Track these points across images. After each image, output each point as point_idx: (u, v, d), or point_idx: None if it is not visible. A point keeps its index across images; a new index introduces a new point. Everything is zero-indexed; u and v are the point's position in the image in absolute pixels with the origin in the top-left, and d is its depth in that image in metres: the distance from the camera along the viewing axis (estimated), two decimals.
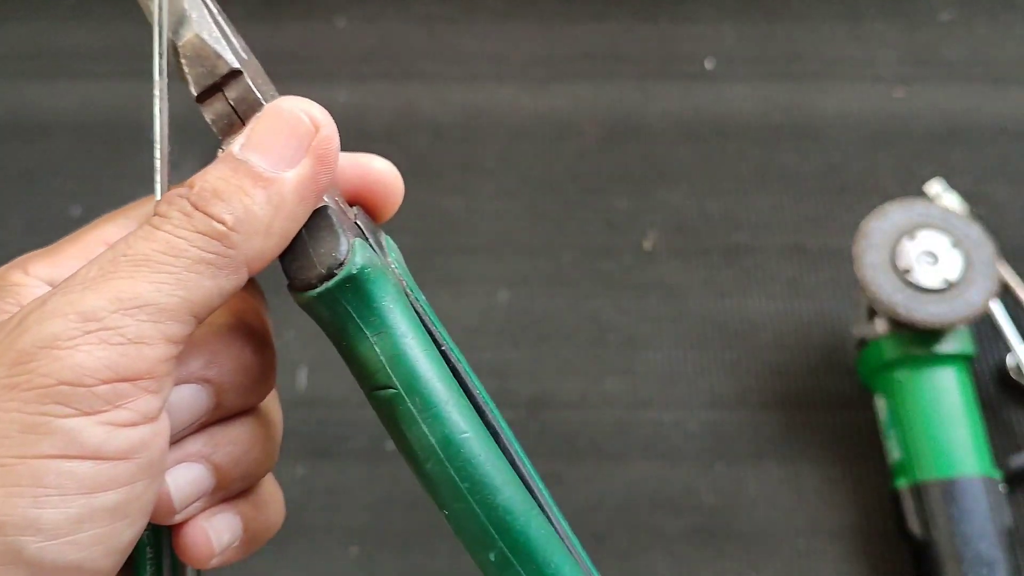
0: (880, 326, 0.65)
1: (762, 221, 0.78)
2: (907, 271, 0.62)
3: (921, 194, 0.73)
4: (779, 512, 0.65)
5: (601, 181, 0.80)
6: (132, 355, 0.19)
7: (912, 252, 0.63)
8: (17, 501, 0.18)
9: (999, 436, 0.68)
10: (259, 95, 0.24)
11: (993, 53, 0.87)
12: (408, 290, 0.25)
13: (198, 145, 0.84)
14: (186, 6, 0.24)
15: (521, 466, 0.25)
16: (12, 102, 0.85)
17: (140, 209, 0.25)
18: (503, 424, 0.26)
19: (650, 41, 0.88)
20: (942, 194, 0.71)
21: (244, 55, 0.25)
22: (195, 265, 0.21)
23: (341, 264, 0.22)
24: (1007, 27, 0.89)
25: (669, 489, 0.67)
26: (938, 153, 0.81)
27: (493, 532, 0.22)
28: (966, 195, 0.74)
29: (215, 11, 0.25)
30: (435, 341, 0.25)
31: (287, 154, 0.23)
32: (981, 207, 0.77)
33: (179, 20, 0.23)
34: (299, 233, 0.23)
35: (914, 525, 0.61)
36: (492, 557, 0.21)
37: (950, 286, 0.62)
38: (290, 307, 0.30)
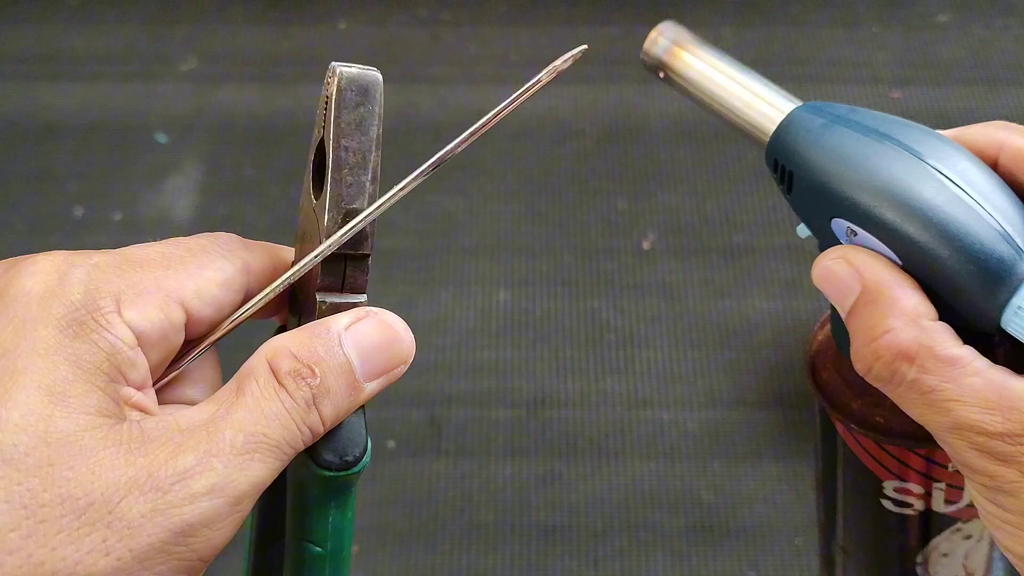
0: None
1: (760, 221, 0.78)
2: None
3: None
4: (777, 509, 0.66)
5: (601, 182, 0.81)
6: (232, 532, 0.21)
7: None
8: None
9: None
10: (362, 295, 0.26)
11: (989, 55, 0.87)
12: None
13: (199, 142, 0.85)
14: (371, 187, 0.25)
15: None
16: (17, 104, 0.85)
17: (219, 263, 0.24)
18: None
19: None
20: None
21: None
22: (292, 453, 0.22)
23: (358, 460, 0.24)
24: (1003, 30, 0.89)
25: (668, 487, 0.67)
26: None
27: None
28: None
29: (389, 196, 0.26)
30: None
31: (377, 369, 0.25)
32: None
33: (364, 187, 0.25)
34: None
35: None
36: None
37: None
38: None
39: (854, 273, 0.24)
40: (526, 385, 0.71)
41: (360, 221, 0.24)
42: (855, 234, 0.25)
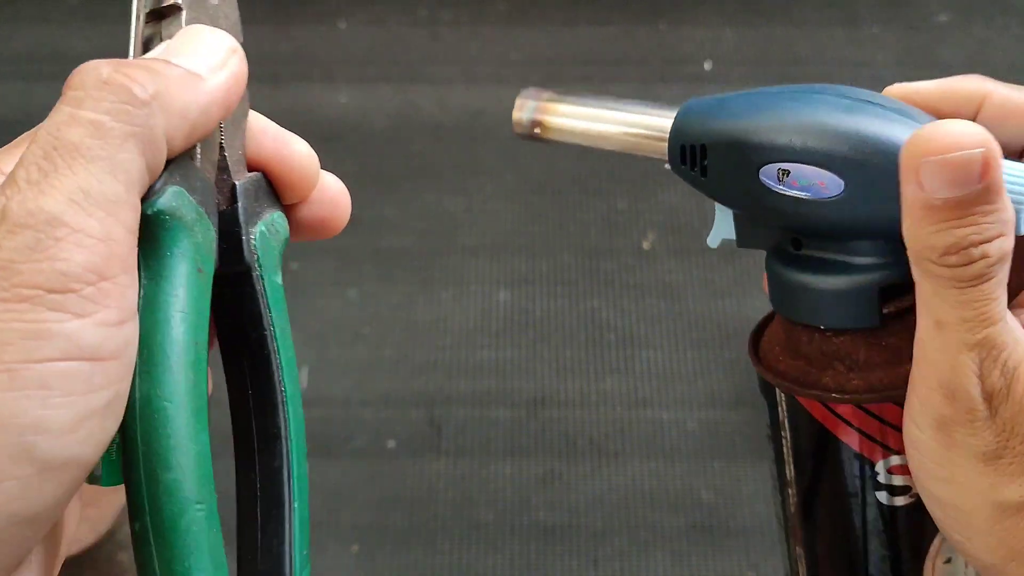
0: None
1: None
2: None
3: None
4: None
5: (600, 182, 0.81)
6: (106, 253, 0.20)
7: None
8: (27, 404, 0.19)
9: None
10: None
11: (989, 55, 0.87)
12: (258, 267, 0.24)
13: None
14: None
15: (264, 469, 0.24)
16: (17, 104, 0.85)
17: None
18: (292, 427, 0.24)
19: (650, 44, 0.89)
20: None
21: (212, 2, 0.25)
22: (125, 143, 0.20)
23: (145, 201, 0.21)
24: (1003, 29, 0.89)
25: (667, 487, 0.67)
26: None
27: (145, 505, 0.21)
28: None
29: None
30: (248, 323, 0.24)
31: (207, 63, 0.23)
32: None
33: None
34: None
35: None
36: (136, 527, 0.20)
37: None
38: (291, 308, 0.30)
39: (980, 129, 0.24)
40: (526, 385, 0.71)
41: None
42: (787, 173, 0.25)
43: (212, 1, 0.25)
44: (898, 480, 0.28)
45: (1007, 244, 0.23)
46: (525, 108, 0.29)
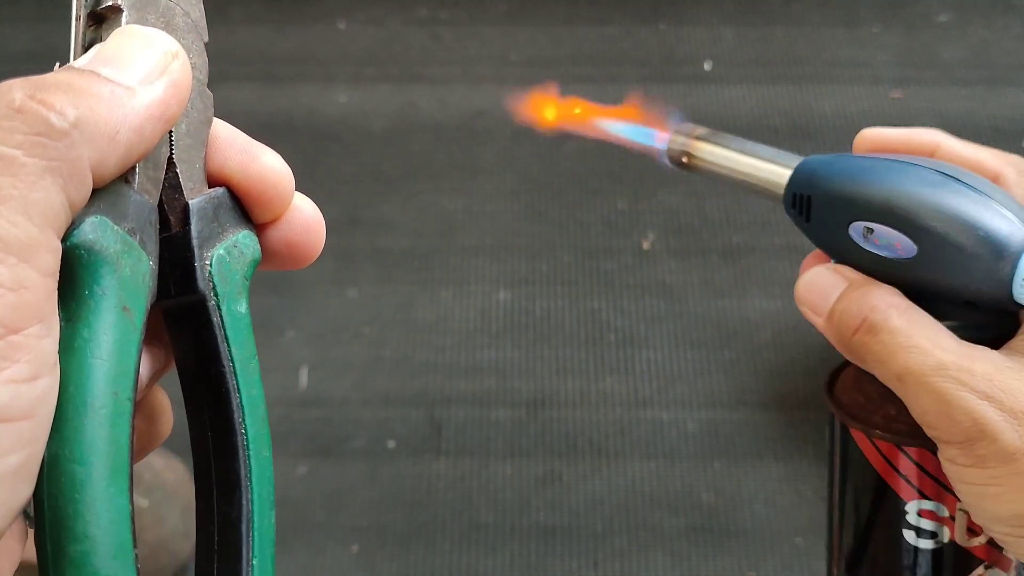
0: None
1: (760, 222, 0.78)
2: None
3: None
4: (777, 510, 0.66)
5: (601, 182, 0.80)
6: (16, 304, 0.17)
7: None
8: None
9: None
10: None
11: (990, 55, 0.87)
12: (214, 296, 0.22)
13: None
14: None
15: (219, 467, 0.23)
16: None
17: None
18: (255, 474, 0.23)
19: (650, 43, 0.89)
20: None
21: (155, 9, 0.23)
22: (40, 180, 0.18)
23: (66, 235, 0.19)
24: (1004, 29, 0.89)
25: (668, 488, 0.67)
26: None
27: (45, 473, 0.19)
28: None
29: None
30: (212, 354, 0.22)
31: (140, 73, 0.20)
32: None
33: None
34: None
35: None
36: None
37: None
38: (291, 308, 0.30)
39: (839, 276, 0.30)
40: (526, 385, 0.71)
41: None
42: (872, 231, 0.29)
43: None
44: (926, 524, 0.31)
45: (878, 315, 0.28)
46: (678, 141, 0.36)
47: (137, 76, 0.20)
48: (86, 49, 0.22)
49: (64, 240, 0.19)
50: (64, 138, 0.18)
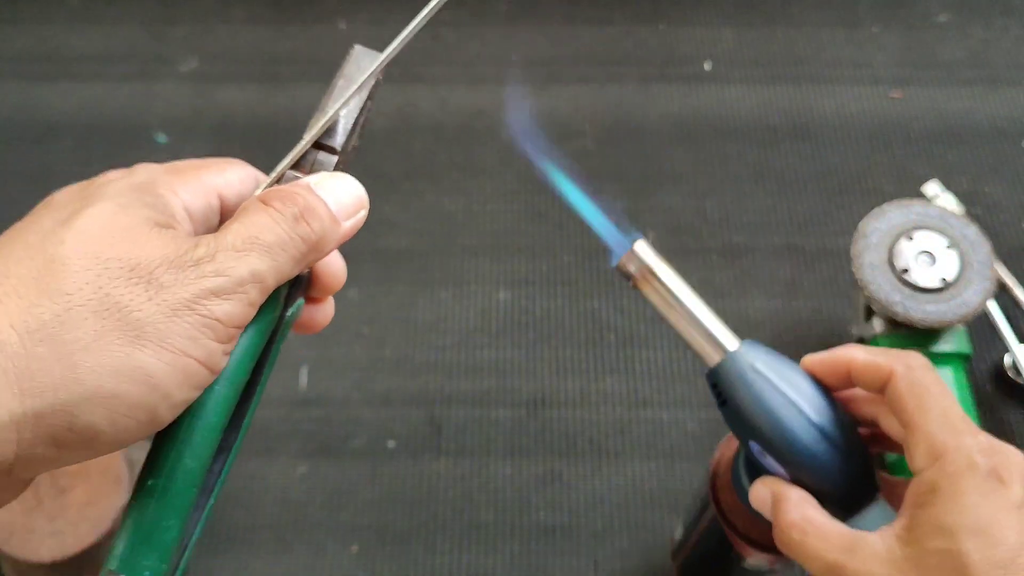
0: (878, 325, 0.65)
1: (760, 221, 0.78)
2: (905, 271, 0.63)
3: (918, 194, 0.73)
4: None
5: (601, 182, 0.80)
6: (247, 313, 0.30)
7: (909, 252, 0.63)
8: (171, 379, 0.28)
9: (996, 435, 0.68)
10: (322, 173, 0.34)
11: (989, 55, 0.87)
12: (277, 338, 0.33)
13: (199, 142, 0.85)
14: (355, 99, 0.34)
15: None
16: (18, 104, 0.85)
17: (238, 169, 0.34)
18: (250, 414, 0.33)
19: (649, 44, 0.89)
20: (939, 194, 0.71)
21: (350, 146, 0.35)
22: (290, 260, 0.31)
23: (286, 309, 0.33)
24: (1003, 29, 0.89)
25: (668, 487, 0.67)
26: (935, 154, 0.82)
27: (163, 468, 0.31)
28: (963, 195, 0.74)
29: (366, 108, 0.35)
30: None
31: (347, 210, 0.33)
32: (978, 207, 0.78)
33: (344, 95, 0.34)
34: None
35: None
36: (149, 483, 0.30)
37: (947, 286, 0.62)
38: None
39: (767, 491, 0.40)
40: (526, 385, 0.71)
41: (328, 119, 0.33)
42: (764, 454, 0.38)
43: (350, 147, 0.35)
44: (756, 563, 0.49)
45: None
46: (633, 262, 0.40)
47: (343, 212, 0.32)
48: (298, 160, 0.34)
49: (287, 308, 0.33)
50: (310, 245, 0.31)
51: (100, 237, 0.28)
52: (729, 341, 0.39)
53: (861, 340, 0.67)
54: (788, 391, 0.38)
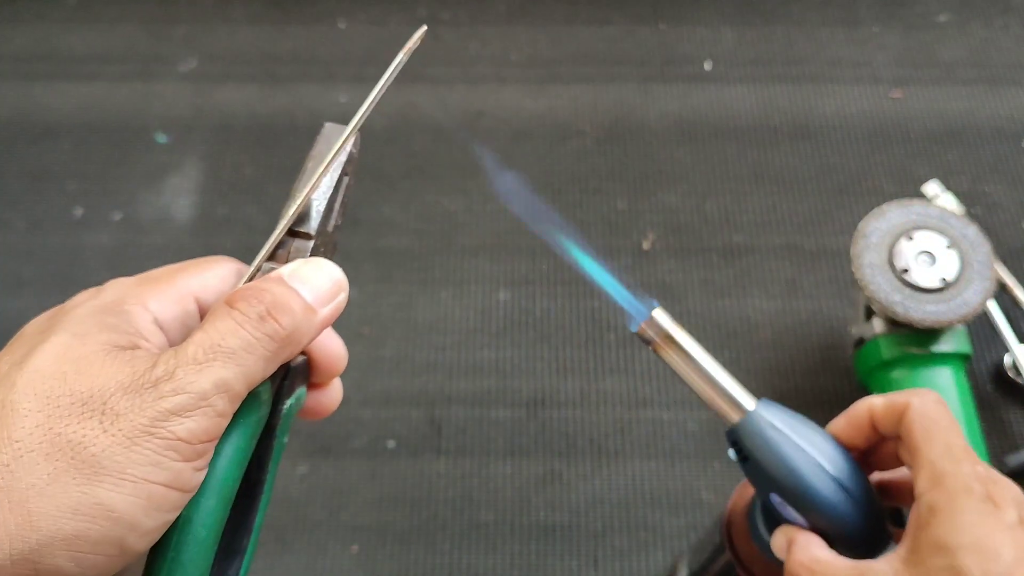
0: (878, 325, 0.65)
1: (760, 221, 0.78)
2: (905, 271, 0.63)
3: (918, 194, 0.73)
4: None
5: (601, 182, 0.81)
6: (217, 425, 0.28)
7: (909, 252, 0.63)
8: (135, 509, 0.27)
9: (996, 435, 0.68)
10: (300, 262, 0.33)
11: (989, 55, 0.87)
12: (278, 432, 0.33)
13: (199, 142, 0.85)
14: (327, 179, 0.33)
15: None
16: (16, 104, 0.85)
17: (217, 267, 0.33)
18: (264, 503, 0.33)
19: (649, 44, 0.89)
20: (939, 194, 0.71)
21: (330, 227, 0.34)
22: (260, 361, 0.29)
23: (281, 403, 0.32)
24: (1003, 29, 0.89)
25: (668, 487, 0.67)
26: (935, 154, 0.82)
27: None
28: (963, 195, 0.74)
29: (342, 185, 0.34)
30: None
31: (324, 296, 0.31)
32: (978, 207, 0.78)
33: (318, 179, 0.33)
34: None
35: None
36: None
37: (947, 286, 0.62)
38: None
39: (785, 539, 0.41)
40: (526, 385, 0.71)
41: (299, 204, 0.32)
42: (784, 505, 0.40)
43: (329, 230, 0.34)
44: None
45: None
46: (652, 329, 0.41)
47: (319, 299, 0.31)
48: (274, 250, 0.32)
49: (282, 401, 0.32)
50: (281, 342, 0.30)
51: (52, 375, 0.28)
52: (747, 401, 0.40)
53: (861, 340, 0.67)
54: (805, 446, 0.40)
